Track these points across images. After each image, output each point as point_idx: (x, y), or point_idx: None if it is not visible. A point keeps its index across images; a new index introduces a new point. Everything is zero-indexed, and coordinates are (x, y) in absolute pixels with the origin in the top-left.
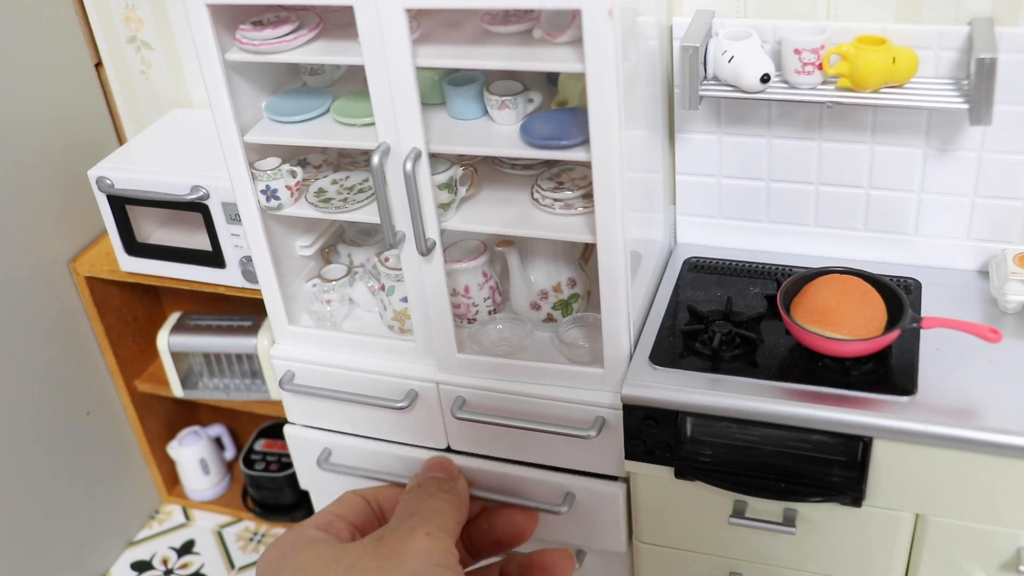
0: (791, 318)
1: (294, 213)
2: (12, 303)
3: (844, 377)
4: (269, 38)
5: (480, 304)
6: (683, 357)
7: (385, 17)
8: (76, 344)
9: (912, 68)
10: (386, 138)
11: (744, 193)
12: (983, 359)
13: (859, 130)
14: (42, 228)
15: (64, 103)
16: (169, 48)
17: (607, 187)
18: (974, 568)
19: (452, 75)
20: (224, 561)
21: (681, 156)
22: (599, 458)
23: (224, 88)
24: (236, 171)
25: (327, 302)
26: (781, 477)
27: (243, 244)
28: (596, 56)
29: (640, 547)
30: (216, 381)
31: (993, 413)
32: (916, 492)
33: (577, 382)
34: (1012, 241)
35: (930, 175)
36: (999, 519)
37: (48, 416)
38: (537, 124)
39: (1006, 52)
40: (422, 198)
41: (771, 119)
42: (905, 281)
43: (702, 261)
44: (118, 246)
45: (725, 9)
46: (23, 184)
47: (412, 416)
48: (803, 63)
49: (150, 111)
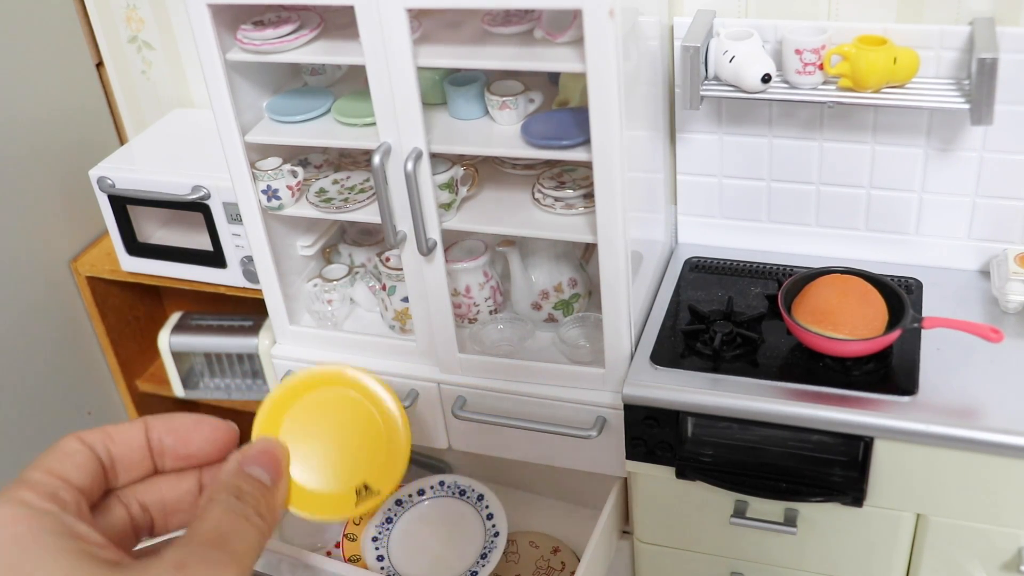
0: (792, 318)
1: (295, 213)
2: (13, 303)
3: (845, 377)
4: (270, 38)
5: (481, 304)
6: (684, 357)
7: (386, 17)
8: (77, 344)
9: (913, 68)
10: (387, 138)
11: (745, 193)
12: (984, 359)
13: (860, 130)
14: (43, 228)
15: (65, 103)
16: (170, 48)
17: (608, 187)
18: (975, 568)
19: (453, 75)
20: None
21: (682, 156)
22: (600, 458)
23: (225, 88)
24: (237, 171)
25: (328, 302)
26: (782, 477)
27: (244, 244)
28: (597, 56)
29: (640, 547)
30: (217, 381)
31: (994, 413)
32: (917, 492)
33: (578, 382)
34: (1013, 241)
35: (931, 175)
36: (1000, 519)
37: (49, 416)
38: (538, 124)
39: (1007, 52)
40: (423, 198)
41: (772, 119)
42: (906, 281)
43: (703, 261)
44: (119, 246)
45: (726, 9)
46: (24, 184)
47: (413, 416)
48: (804, 63)
49: (151, 111)
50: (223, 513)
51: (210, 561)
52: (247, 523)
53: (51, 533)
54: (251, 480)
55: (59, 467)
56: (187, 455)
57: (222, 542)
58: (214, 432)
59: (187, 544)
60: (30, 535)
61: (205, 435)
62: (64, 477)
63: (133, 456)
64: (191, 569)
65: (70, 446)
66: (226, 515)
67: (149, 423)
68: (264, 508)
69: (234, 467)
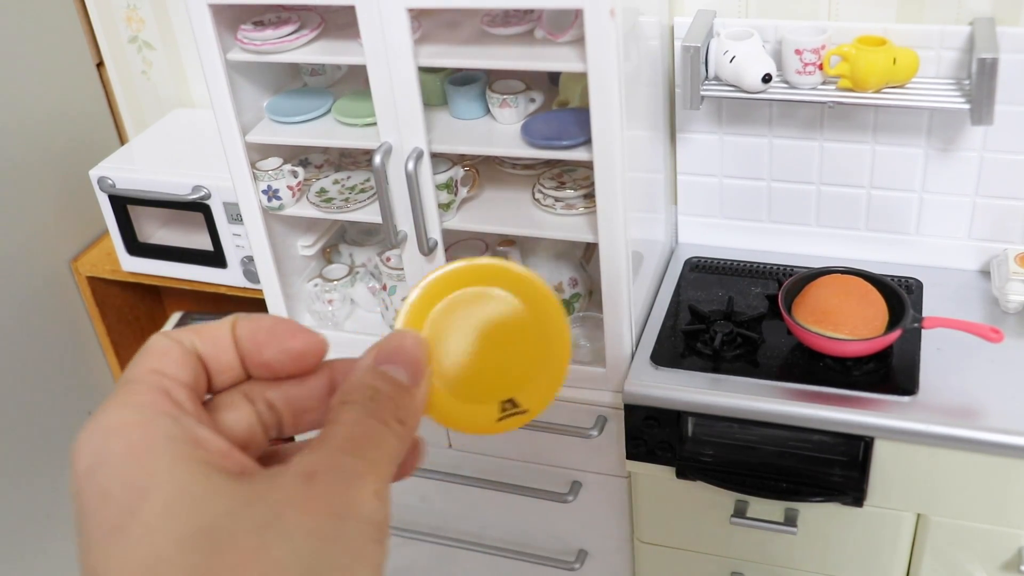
0: (792, 318)
1: (295, 213)
2: (13, 303)
3: (845, 377)
4: (270, 38)
5: None
6: (684, 357)
7: (387, 17)
8: (77, 344)
9: (913, 68)
10: (388, 138)
11: (745, 193)
12: (984, 359)
13: (860, 130)
14: (43, 228)
15: (66, 103)
16: (170, 48)
17: (609, 187)
18: (975, 568)
19: (454, 75)
20: None
21: (682, 156)
22: (600, 458)
23: (226, 88)
24: (237, 171)
25: (329, 302)
26: (782, 477)
27: (244, 244)
28: (598, 56)
29: (641, 547)
30: None
31: (994, 413)
32: (917, 492)
33: (579, 382)
34: (1013, 241)
35: (931, 175)
36: (1000, 519)
37: (49, 416)
38: (538, 124)
39: (1007, 52)
40: (424, 198)
41: (772, 119)
42: (906, 281)
43: (703, 261)
44: (119, 246)
45: (726, 9)
46: (24, 184)
47: None
48: (804, 63)
49: (151, 111)
50: (357, 416)
51: (343, 470)
52: (384, 428)
53: (169, 439)
54: (387, 379)
55: (160, 365)
56: (278, 353)
57: (356, 448)
58: (303, 334)
59: (317, 450)
60: (144, 443)
61: (298, 336)
62: (171, 375)
63: (221, 357)
64: (322, 479)
65: (161, 343)
66: (361, 419)
67: (236, 320)
68: (403, 412)
69: (368, 365)
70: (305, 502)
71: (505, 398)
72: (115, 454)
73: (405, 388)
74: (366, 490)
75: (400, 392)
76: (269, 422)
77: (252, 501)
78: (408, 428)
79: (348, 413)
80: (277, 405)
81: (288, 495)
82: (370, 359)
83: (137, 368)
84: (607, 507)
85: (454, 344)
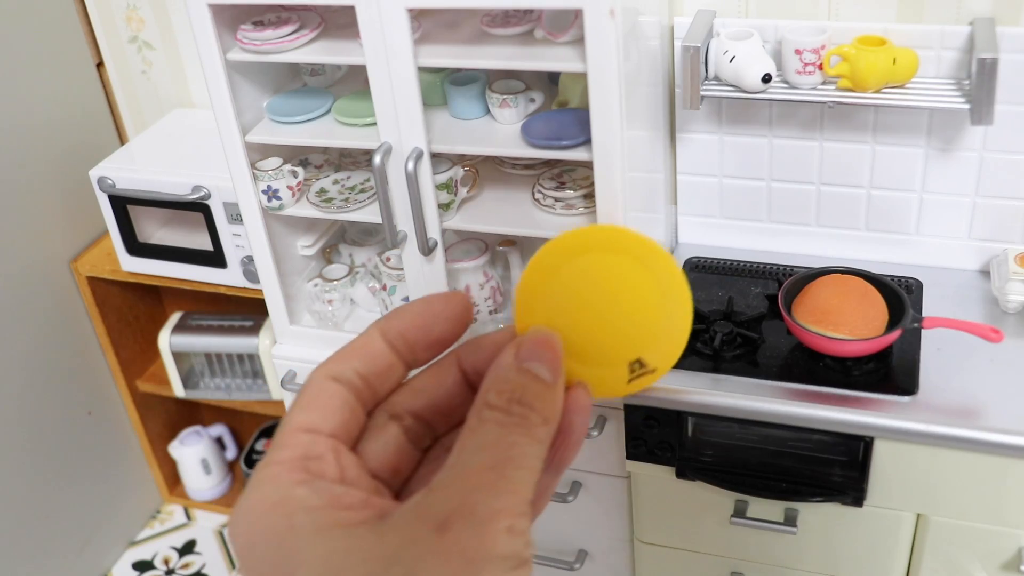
0: (792, 318)
1: (295, 213)
2: (13, 303)
3: (845, 377)
4: (270, 38)
5: (481, 304)
6: (684, 357)
7: (387, 17)
8: (77, 344)
9: (913, 68)
10: (388, 138)
11: (745, 193)
12: (984, 359)
13: (860, 130)
14: (43, 228)
15: (65, 103)
16: (170, 48)
17: (608, 187)
18: (975, 568)
19: (454, 75)
20: (226, 561)
21: (682, 156)
22: (600, 458)
23: (225, 88)
24: (237, 171)
25: (328, 302)
26: (782, 477)
27: (244, 244)
28: (598, 56)
29: (641, 547)
30: (217, 381)
31: (994, 413)
32: (917, 492)
33: None
34: (1013, 241)
35: (931, 175)
36: (1000, 519)
37: (49, 416)
38: (538, 124)
39: (1007, 52)
40: (424, 198)
41: (772, 119)
42: (906, 281)
43: (703, 261)
44: (119, 246)
45: (726, 9)
46: (24, 184)
47: None
48: (804, 63)
49: (151, 111)
50: (498, 433)
51: (475, 515)
52: (527, 437)
53: (306, 511)
54: (531, 376)
55: (307, 420)
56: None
57: (493, 478)
58: (447, 307)
59: (450, 485)
60: (285, 524)
61: (444, 314)
62: (314, 428)
63: (379, 364)
64: (454, 526)
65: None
66: (501, 436)
67: (383, 326)
68: (549, 411)
69: (510, 362)
70: (438, 555)
71: (632, 359)
72: (261, 537)
73: (548, 385)
74: (499, 529)
75: (545, 390)
76: (420, 433)
77: (391, 562)
78: (552, 427)
79: (489, 425)
80: (423, 415)
81: (421, 552)
82: (510, 357)
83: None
84: (607, 507)
85: (574, 312)
